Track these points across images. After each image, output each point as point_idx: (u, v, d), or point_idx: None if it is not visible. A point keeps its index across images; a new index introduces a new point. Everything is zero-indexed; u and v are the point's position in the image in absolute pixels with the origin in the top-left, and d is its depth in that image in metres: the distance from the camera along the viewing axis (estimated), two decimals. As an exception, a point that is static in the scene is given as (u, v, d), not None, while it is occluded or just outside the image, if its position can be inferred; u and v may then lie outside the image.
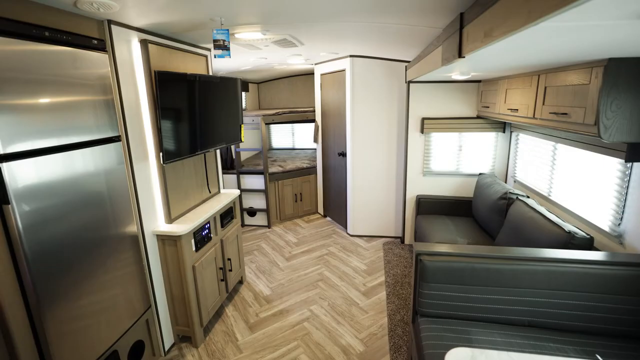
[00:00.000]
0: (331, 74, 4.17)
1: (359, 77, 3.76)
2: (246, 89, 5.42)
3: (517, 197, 2.61)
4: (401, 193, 3.96)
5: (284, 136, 6.19)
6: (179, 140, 2.19)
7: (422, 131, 3.54)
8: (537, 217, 2.24)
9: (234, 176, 4.47)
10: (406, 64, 3.59)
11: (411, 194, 3.74)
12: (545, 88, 2.03)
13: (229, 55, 2.03)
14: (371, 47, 3.12)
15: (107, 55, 1.78)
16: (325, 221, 4.75)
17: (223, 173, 4.51)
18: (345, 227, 4.34)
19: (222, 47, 2.00)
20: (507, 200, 2.68)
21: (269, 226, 4.57)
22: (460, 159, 3.57)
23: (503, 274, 1.72)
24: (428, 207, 3.56)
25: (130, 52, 1.96)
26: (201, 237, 2.43)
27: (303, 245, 3.99)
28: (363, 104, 3.82)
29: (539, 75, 2.11)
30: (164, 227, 2.23)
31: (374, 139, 3.89)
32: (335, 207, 4.53)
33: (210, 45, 2.71)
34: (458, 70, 2.34)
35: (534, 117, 2.17)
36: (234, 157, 4.43)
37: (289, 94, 5.89)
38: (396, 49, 3.05)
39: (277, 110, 4.62)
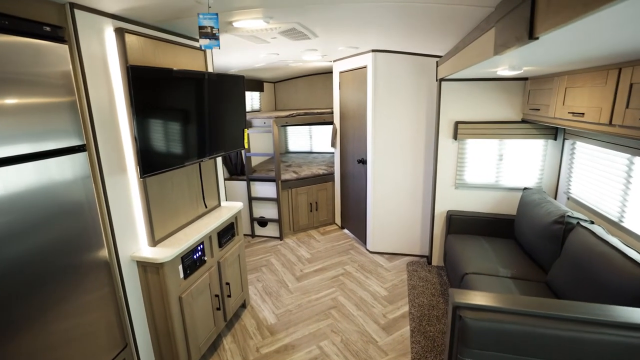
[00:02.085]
0: (351, 72, 3.74)
1: (382, 74, 3.31)
2: (261, 89, 5.08)
3: (578, 223, 2.09)
4: (429, 207, 3.47)
5: (301, 139, 5.81)
6: (162, 149, 1.84)
7: (455, 137, 3.05)
8: (610, 254, 1.72)
9: (244, 183, 4.13)
10: (437, 59, 3.11)
11: (441, 209, 3.25)
12: (631, 85, 1.53)
13: (218, 45, 1.65)
14: (396, 39, 2.68)
15: (66, 46, 1.44)
16: (342, 234, 4.32)
17: (233, 179, 4.18)
18: (364, 242, 3.89)
19: (210, 35, 1.63)
20: (564, 225, 2.16)
21: (280, 238, 4.20)
22: (500, 170, 3.05)
23: (580, 343, 1.24)
24: (461, 225, 3.06)
25: (101, 43, 1.62)
26: (192, 261, 2.07)
27: (316, 262, 3.59)
28: (386, 105, 3.37)
29: (619, 69, 1.61)
30: (146, 252, 1.89)
31: (398, 145, 3.42)
32: (354, 218, 4.10)
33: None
34: (507, 65, 1.86)
35: (610, 124, 1.67)
36: (244, 161, 4.09)
37: (307, 94, 5.51)
38: (426, 41, 2.58)
39: (291, 112, 4.24)
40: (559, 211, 2.23)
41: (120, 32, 1.67)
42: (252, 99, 5.05)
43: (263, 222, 4.24)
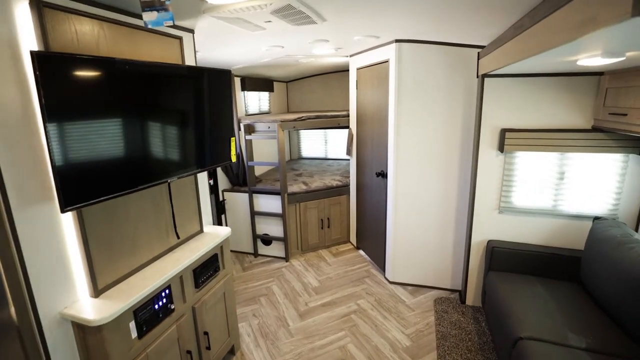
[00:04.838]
0: (369, 68, 3.17)
1: (407, 70, 2.72)
2: (270, 89, 4.58)
3: (697, 282, 1.44)
4: (463, 233, 2.84)
5: (316, 144, 5.26)
6: (100, 168, 1.34)
7: (501, 149, 2.41)
8: None
9: (247, 195, 3.63)
10: (479, 50, 2.49)
11: (480, 237, 2.62)
12: None
13: (171, 20, 1.15)
14: (428, 24, 2.08)
15: None
16: (357, 255, 3.74)
17: (234, 191, 3.70)
18: (383, 269, 3.30)
19: (158, 6, 1.12)
20: (673, 283, 1.50)
21: (286, 259, 3.67)
22: (560, 191, 2.39)
23: None
24: (506, 260, 2.42)
25: (8, 21, 1.14)
26: (151, 313, 1.57)
27: (325, 293, 3.03)
28: (412, 107, 2.77)
29: None
30: (83, 306, 1.40)
31: (426, 157, 2.81)
32: (371, 238, 3.51)
33: (187, 22, 1.85)
34: (601, 48, 1.23)
35: None
36: (246, 170, 3.59)
37: (322, 94, 4.97)
38: (467, 25, 1.97)
39: (301, 115, 3.70)
40: (662, 260, 1.57)
41: (36, 6, 1.19)
42: (261, 100, 4.56)
43: (267, 240, 3.73)
